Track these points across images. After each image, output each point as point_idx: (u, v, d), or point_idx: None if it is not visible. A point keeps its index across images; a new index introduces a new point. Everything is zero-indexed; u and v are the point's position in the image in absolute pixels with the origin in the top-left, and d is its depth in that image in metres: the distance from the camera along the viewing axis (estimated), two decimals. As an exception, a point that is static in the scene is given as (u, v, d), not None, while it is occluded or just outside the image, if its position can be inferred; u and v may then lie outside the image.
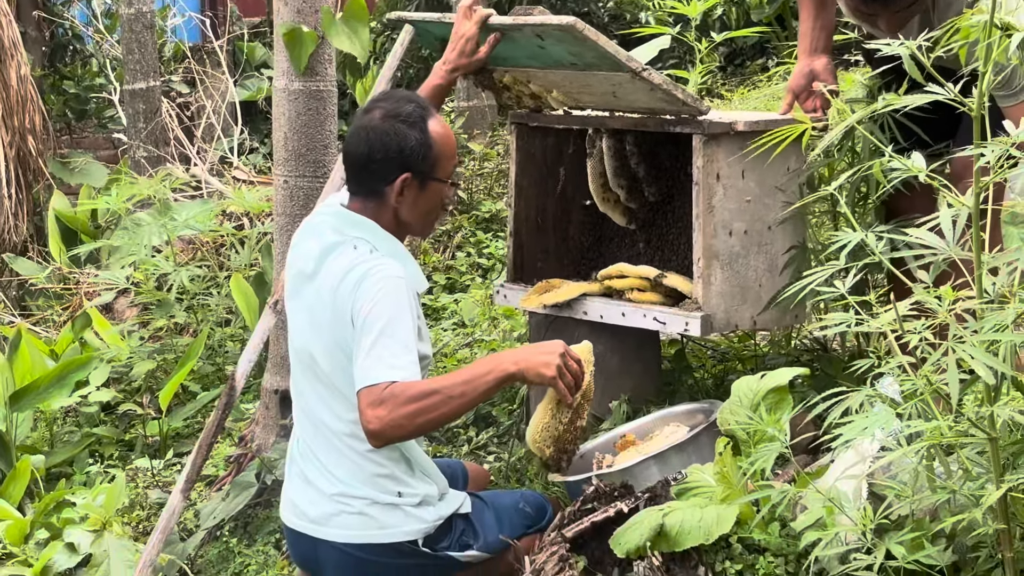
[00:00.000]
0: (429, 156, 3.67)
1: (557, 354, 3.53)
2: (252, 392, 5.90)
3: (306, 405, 3.75)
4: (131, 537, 4.88)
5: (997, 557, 2.73)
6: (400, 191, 3.67)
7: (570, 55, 4.05)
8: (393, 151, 3.65)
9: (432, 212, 3.77)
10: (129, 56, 9.40)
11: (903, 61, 2.70)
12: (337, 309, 3.57)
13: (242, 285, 6.38)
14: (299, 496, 3.76)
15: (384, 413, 3.38)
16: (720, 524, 3.04)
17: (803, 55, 4.29)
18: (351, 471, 3.65)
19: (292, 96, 4.96)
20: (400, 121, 3.68)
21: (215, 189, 8.62)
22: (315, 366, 3.67)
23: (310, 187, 4.98)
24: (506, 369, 3.50)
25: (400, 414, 3.39)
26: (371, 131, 3.69)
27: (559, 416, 3.65)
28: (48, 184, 9.73)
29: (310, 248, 3.73)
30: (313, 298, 3.68)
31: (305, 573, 3.93)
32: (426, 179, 3.69)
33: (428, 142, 3.67)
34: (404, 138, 3.66)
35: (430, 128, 3.69)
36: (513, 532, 3.76)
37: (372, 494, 3.63)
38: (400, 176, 3.65)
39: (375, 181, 3.69)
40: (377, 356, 3.44)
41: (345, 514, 3.65)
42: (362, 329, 3.48)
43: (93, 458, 6.01)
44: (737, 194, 4.07)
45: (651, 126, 4.22)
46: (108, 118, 11.50)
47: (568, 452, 3.74)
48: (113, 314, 7.37)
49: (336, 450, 3.67)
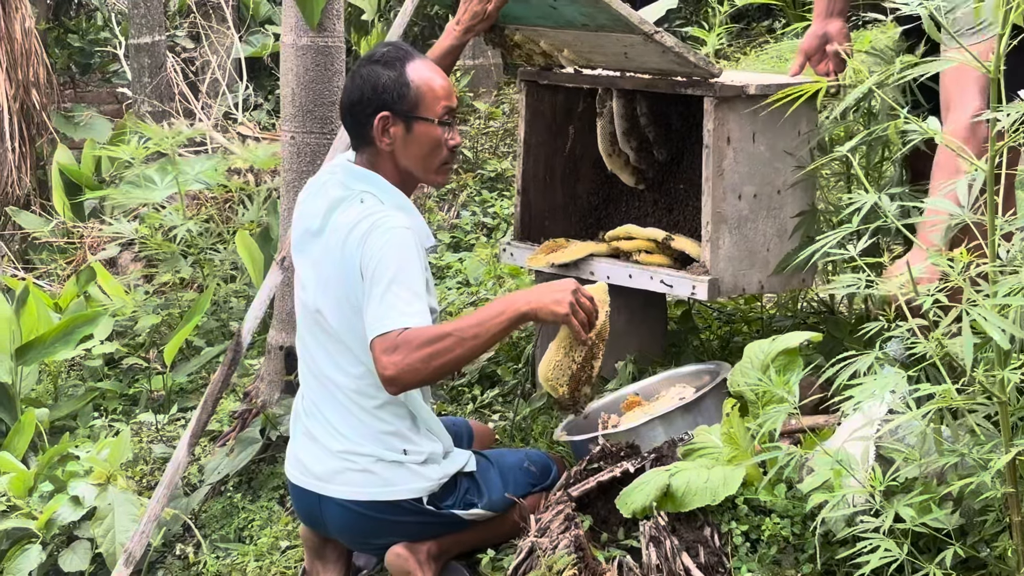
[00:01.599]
0: (407, 94, 3.68)
1: (569, 291, 3.52)
2: (257, 348, 5.90)
3: (312, 362, 3.76)
4: (135, 491, 4.88)
5: (1005, 521, 2.73)
6: (382, 131, 3.69)
7: (582, 16, 4.03)
8: (368, 91, 3.69)
9: (431, 156, 3.74)
10: (134, 10, 9.37)
11: (923, 21, 2.68)
12: (345, 263, 3.57)
13: (247, 241, 6.37)
14: (304, 453, 3.77)
15: (399, 358, 3.40)
16: (727, 485, 3.04)
17: (817, 18, 4.26)
18: (357, 428, 3.66)
19: (300, 52, 4.94)
20: (373, 62, 3.73)
21: (219, 144, 8.60)
22: (322, 322, 3.67)
23: (317, 143, 4.97)
24: (518, 309, 3.50)
25: (415, 358, 3.40)
26: (352, 78, 3.76)
27: (572, 354, 3.62)
28: (52, 138, 9.70)
29: (317, 206, 3.73)
30: (320, 254, 3.68)
31: (309, 529, 3.94)
32: (410, 119, 3.69)
33: (404, 80, 3.68)
34: (377, 76, 3.69)
35: (408, 67, 3.70)
36: (518, 491, 3.77)
37: (377, 451, 3.64)
38: (378, 115, 3.66)
39: (360, 126, 3.73)
40: (389, 304, 3.45)
41: (350, 471, 3.66)
42: (372, 280, 3.49)
43: (97, 412, 6.02)
44: (747, 158, 4.05)
45: (662, 87, 4.20)
46: (112, 72, 11.45)
47: (583, 391, 3.70)
48: (117, 268, 7.36)
49: (342, 407, 3.68)
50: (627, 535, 3.28)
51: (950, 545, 2.63)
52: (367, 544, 3.81)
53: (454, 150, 3.79)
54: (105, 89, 11.50)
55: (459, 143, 3.81)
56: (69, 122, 10.11)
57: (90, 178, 8.39)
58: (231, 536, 4.73)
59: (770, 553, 3.10)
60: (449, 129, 3.76)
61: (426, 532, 3.71)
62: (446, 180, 3.91)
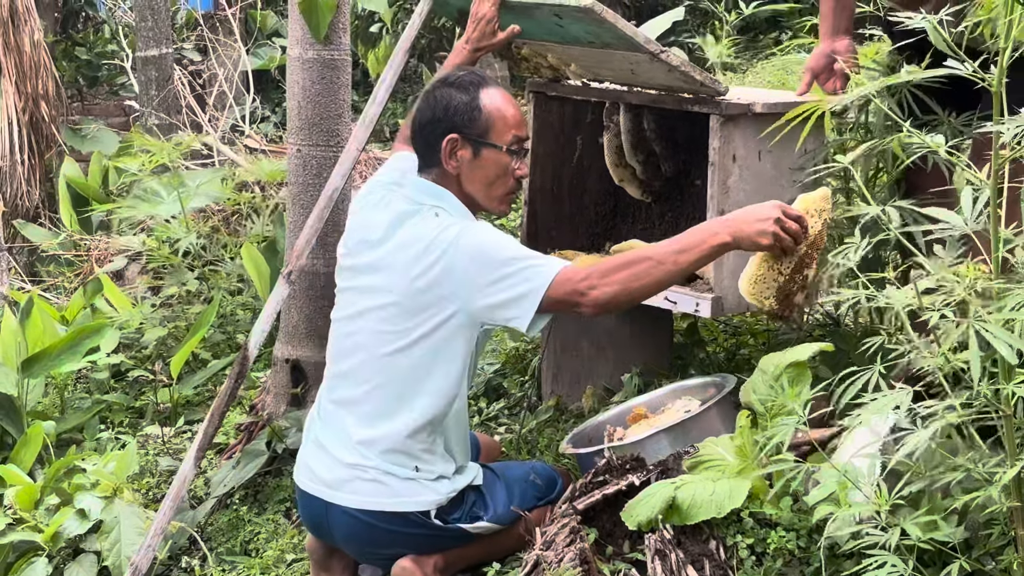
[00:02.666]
0: (477, 119, 3.70)
1: (772, 220, 3.41)
2: (263, 361, 5.90)
3: (352, 371, 3.76)
4: (141, 504, 4.88)
5: (1010, 534, 2.73)
6: (449, 154, 3.72)
7: (588, 34, 4.03)
8: (440, 111, 3.72)
9: (496, 184, 3.77)
10: (142, 23, 9.39)
11: (923, 35, 2.68)
12: (421, 271, 3.59)
13: (253, 253, 6.37)
14: (315, 460, 3.77)
15: (598, 281, 3.46)
16: (732, 498, 3.04)
17: (824, 37, 4.26)
18: (375, 444, 3.65)
19: (306, 65, 4.94)
20: (449, 85, 3.77)
21: (227, 158, 8.61)
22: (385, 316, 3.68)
23: (323, 156, 4.97)
24: (721, 239, 3.45)
25: (620, 278, 3.46)
26: (425, 98, 3.79)
27: (778, 267, 3.48)
28: (60, 151, 9.73)
29: (379, 218, 3.76)
30: (379, 264, 3.69)
31: (315, 540, 3.94)
32: (478, 144, 3.72)
33: (476, 104, 3.71)
34: (450, 99, 3.72)
35: (482, 92, 3.73)
36: (524, 504, 3.77)
37: (390, 467, 3.64)
38: (447, 136, 3.68)
39: (429, 147, 3.75)
40: (533, 265, 3.52)
41: (359, 480, 3.67)
42: (494, 268, 3.53)
43: (104, 425, 6.02)
44: (753, 175, 4.05)
45: (669, 103, 4.20)
46: (120, 85, 11.49)
47: (795, 301, 3.55)
48: (124, 281, 7.36)
49: (369, 419, 3.67)
50: (632, 548, 3.28)
51: (956, 559, 2.62)
52: (373, 554, 3.81)
53: (520, 180, 3.80)
54: (113, 102, 11.54)
55: (526, 174, 3.82)
56: (77, 135, 10.14)
57: (97, 191, 8.40)
58: (237, 549, 4.72)
59: (775, 566, 3.09)
60: (517, 159, 3.77)
61: (432, 545, 3.71)
62: (508, 210, 3.90)
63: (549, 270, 3.50)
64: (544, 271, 3.50)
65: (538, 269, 3.51)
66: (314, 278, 5.06)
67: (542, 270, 3.50)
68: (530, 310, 3.50)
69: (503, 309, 3.55)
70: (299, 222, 4.91)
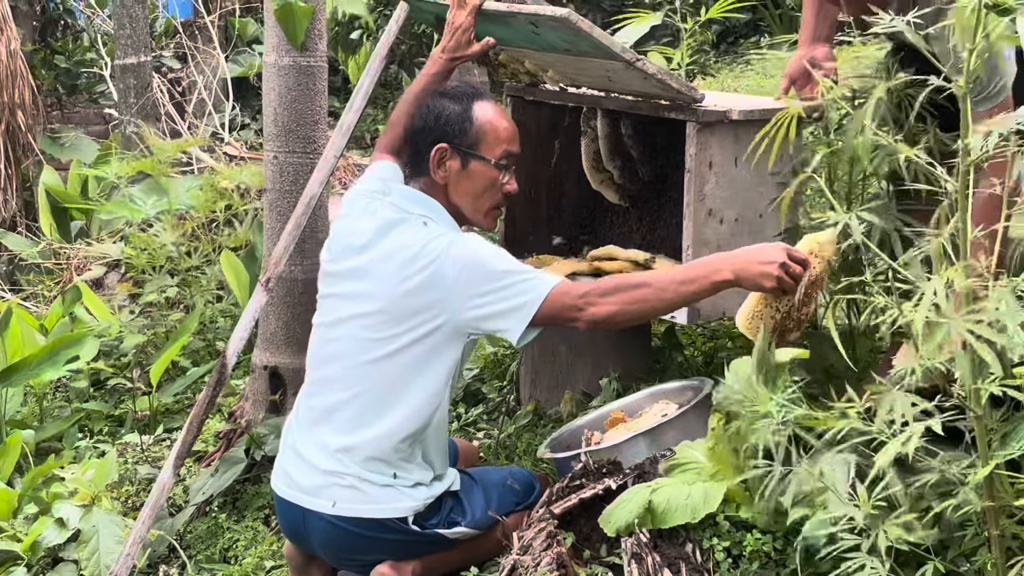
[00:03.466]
0: (468, 130, 3.71)
1: (777, 264, 3.35)
2: (242, 368, 5.89)
3: (333, 377, 3.75)
4: (120, 512, 4.86)
5: (983, 535, 2.73)
6: (438, 163, 3.72)
7: (564, 42, 4.03)
8: (431, 120, 3.74)
9: (483, 196, 3.77)
10: (120, 31, 9.38)
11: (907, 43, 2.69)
12: (408, 279, 3.58)
13: (232, 261, 6.37)
14: (292, 466, 3.77)
15: (599, 299, 3.48)
16: (707, 502, 3.04)
17: (803, 44, 4.27)
18: (353, 452, 3.65)
19: (282, 71, 4.94)
20: (444, 95, 3.79)
21: (206, 165, 8.60)
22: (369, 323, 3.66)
23: (300, 163, 4.97)
24: (724, 277, 3.41)
25: (619, 299, 3.47)
26: (419, 108, 3.81)
27: (776, 305, 3.45)
28: (38, 159, 9.71)
29: (364, 225, 3.75)
30: (364, 270, 3.68)
31: (293, 547, 3.94)
32: (467, 155, 3.72)
33: (468, 116, 3.72)
34: (443, 109, 3.74)
35: (475, 104, 3.74)
36: (502, 509, 3.77)
37: (367, 474, 3.63)
38: (436, 146, 3.70)
39: (418, 155, 3.76)
40: (528, 279, 3.52)
41: (337, 486, 3.66)
42: (486, 280, 3.52)
43: (83, 433, 6.00)
44: (729, 182, 4.06)
45: (646, 110, 4.20)
46: (99, 93, 11.48)
47: (790, 339, 3.51)
48: (103, 289, 7.35)
49: (348, 426, 3.67)
50: (609, 552, 3.28)
51: (930, 560, 2.63)
52: (350, 561, 3.80)
53: (508, 195, 3.80)
54: (92, 110, 11.52)
55: (515, 190, 3.82)
56: (55, 143, 10.12)
57: (76, 199, 8.39)
58: (216, 557, 4.71)
59: (752, 569, 3.09)
60: (506, 173, 3.78)
61: (410, 551, 3.70)
62: (494, 224, 3.91)
63: (545, 284, 3.50)
64: (540, 285, 3.50)
65: (533, 283, 3.51)
66: (292, 285, 5.05)
67: (538, 283, 3.50)
68: (523, 322, 3.50)
69: (494, 320, 3.55)
70: (277, 229, 4.91)
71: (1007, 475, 2.65)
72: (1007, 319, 2.41)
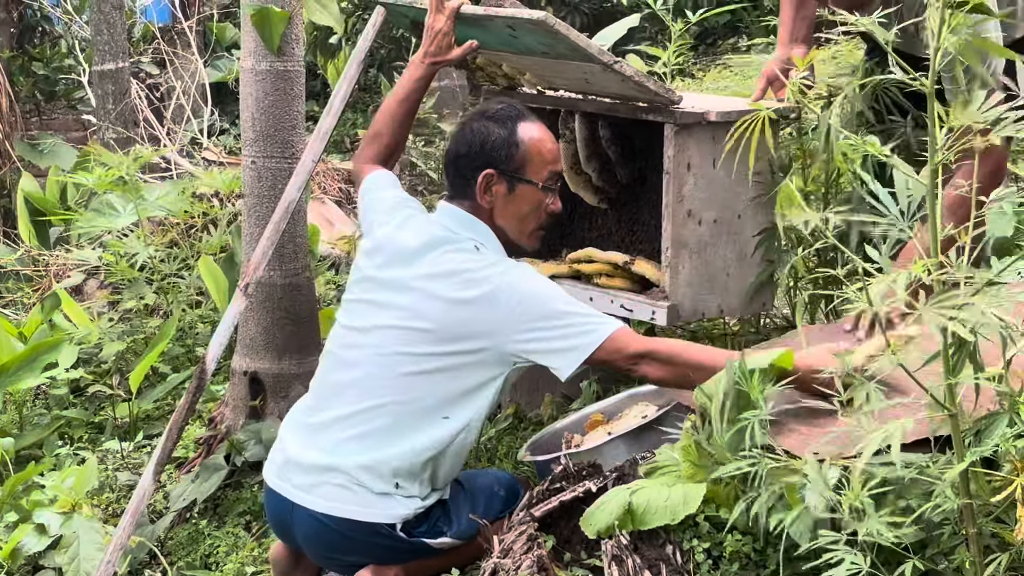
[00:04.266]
0: (515, 154, 3.72)
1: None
2: (222, 374, 5.88)
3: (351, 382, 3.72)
4: (101, 519, 4.86)
5: (961, 533, 2.74)
6: (484, 188, 3.72)
7: (542, 45, 4.04)
8: (476, 146, 3.73)
9: (528, 219, 3.78)
10: (98, 37, 9.36)
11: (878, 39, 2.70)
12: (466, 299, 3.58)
13: (211, 266, 6.35)
14: (287, 460, 3.75)
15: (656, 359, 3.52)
16: (687, 503, 3.04)
17: (781, 44, 4.29)
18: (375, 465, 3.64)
19: (259, 77, 4.94)
20: (487, 118, 3.78)
21: (185, 170, 8.58)
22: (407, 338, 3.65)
23: (278, 168, 4.96)
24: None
25: (674, 370, 3.51)
26: (461, 130, 3.81)
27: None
28: (16, 166, 9.68)
29: (409, 238, 3.75)
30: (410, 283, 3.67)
31: (277, 535, 3.93)
32: (513, 179, 3.72)
33: (514, 140, 3.72)
34: (488, 133, 3.73)
35: (519, 127, 3.75)
36: (487, 516, 3.76)
37: (366, 479, 3.62)
38: (483, 171, 3.69)
39: (463, 179, 3.76)
40: (592, 317, 3.55)
41: (329, 485, 3.65)
42: (541, 315, 3.54)
43: (63, 440, 5.98)
44: (708, 183, 4.06)
45: (624, 112, 4.21)
46: (78, 99, 11.46)
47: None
48: (83, 296, 7.34)
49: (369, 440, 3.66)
50: (590, 554, 3.28)
51: (909, 558, 2.63)
52: (331, 560, 3.79)
53: (553, 216, 3.81)
54: (71, 116, 11.51)
55: (559, 209, 3.83)
56: (34, 150, 10.10)
57: (55, 206, 8.37)
58: (197, 563, 4.70)
59: (732, 570, 3.09)
60: (551, 194, 3.79)
61: (393, 557, 3.70)
62: (537, 245, 3.92)
63: (604, 331, 3.51)
64: (599, 330, 3.52)
65: (592, 326, 3.52)
66: (271, 290, 5.05)
67: (597, 328, 3.52)
68: (575, 363, 3.53)
69: (545, 356, 3.56)
70: (255, 234, 4.90)
71: (983, 472, 2.66)
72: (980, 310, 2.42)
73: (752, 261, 4.17)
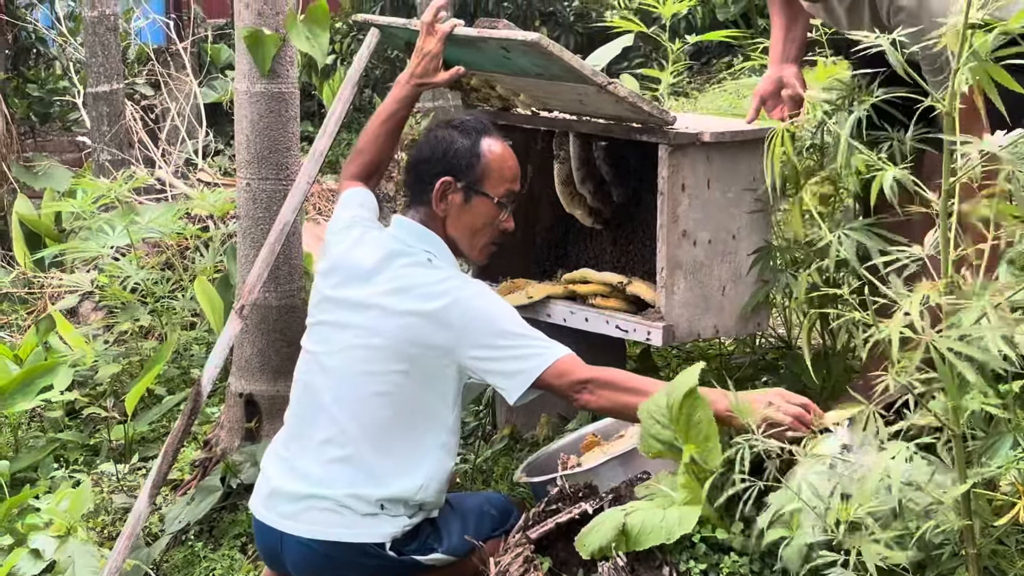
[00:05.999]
0: (475, 165, 3.73)
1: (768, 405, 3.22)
2: (217, 396, 5.87)
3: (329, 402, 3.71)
4: (96, 542, 4.84)
5: (962, 554, 2.73)
6: (441, 196, 3.73)
7: (535, 66, 4.04)
8: (439, 152, 3.76)
9: (480, 232, 3.79)
10: (92, 59, 9.36)
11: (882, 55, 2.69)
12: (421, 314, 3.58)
13: (206, 288, 6.34)
14: (271, 489, 3.75)
15: (596, 388, 3.50)
16: (682, 524, 3.03)
17: (773, 63, 4.29)
18: (342, 475, 3.63)
19: (254, 99, 4.94)
20: (453, 127, 3.81)
21: (180, 192, 8.58)
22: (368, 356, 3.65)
23: (273, 189, 4.96)
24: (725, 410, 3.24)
25: (615, 398, 3.49)
26: (425, 137, 3.84)
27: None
28: (12, 188, 9.68)
29: (364, 255, 3.76)
30: (368, 301, 3.67)
31: (268, 566, 3.92)
32: (471, 190, 3.73)
33: (476, 151, 3.74)
34: (452, 142, 3.76)
35: (483, 140, 3.77)
36: (478, 535, 3.75)
37: (351, 502, 3.62)
38: (441, 178, 3.70)
39: (420, 184, 3.78)
40: (540, 342, 3.54)
41: (315, 510, 3.65)
42: (491, 334, 3.55)
43: (58, 463, 5.97)
44: (702, 204, 4.06)
45: (618, 133, 4.21)
46: (72, 121, 11.46)
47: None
48: (78, 318, 7.32)
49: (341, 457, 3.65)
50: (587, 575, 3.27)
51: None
52: (322, 582, 3.78)
53: (504, 233, 3.81)
54: (66, 138, 11.51)
55: (512, 228, 3.84)
56: (29, 172, 10.10)
57: (50, 228, 8.36)
58: (193, 586, 4.70)
59: (729, 591, 3.09)
60: (505, 212, 3.80)
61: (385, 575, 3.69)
62: (485, 260, 3.95)
63: (550, 356, 3.51)
64: (546, 355, 3.52)
65: (539, 351, 3.53)
66: (267, 312, 5.04)
67: (544, 354, 3.52)
68: (521, 387, 3.52)
69: (493, 376, 3.57)
70: (250, 256, 4.90)
71: (984, 493, 2.66)
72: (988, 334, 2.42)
73: (747, 281, 4.17)
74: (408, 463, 3.63)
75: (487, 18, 4.29)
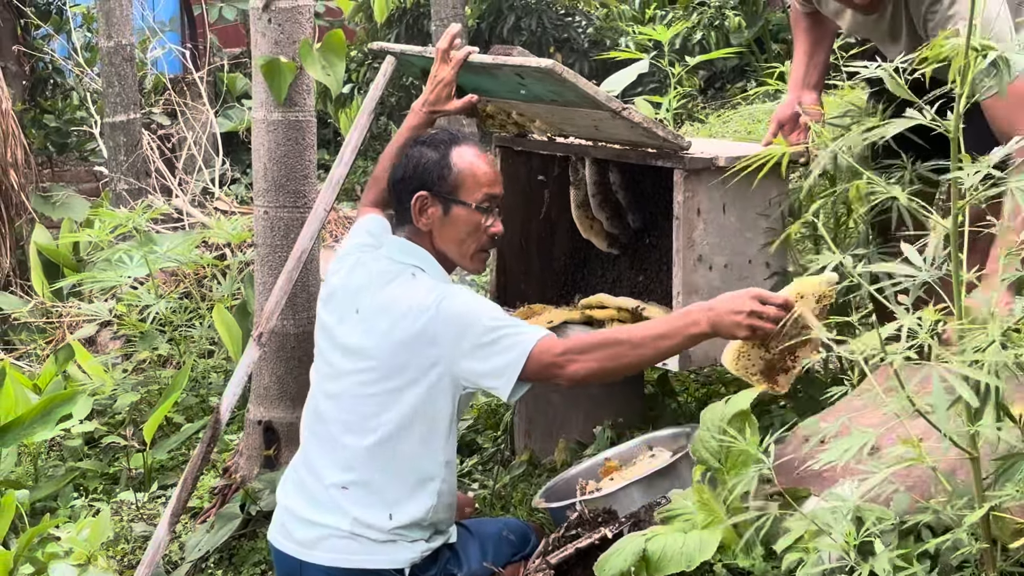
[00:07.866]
0: (447, 176, 3.74)
1: (746, 313, 3.36)
2: (236, 423, 5.88)
3: (330, 435, 3.74)
4: (116, 571, 4.85)
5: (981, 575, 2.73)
6: (419, 211, 3.75)
7: (550, 93, 4.06)
8: (411, 170, 3.77)
9: (467, 241, 3.78)
10: (109, 89, 9.41)
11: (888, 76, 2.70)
12: (405, 331, 3.59)
13: (224, 316, 6.36)
14: (289, 518, 3.76)
15: (576, 356, 3.48)
16: (703, 550, 3.03)
17: (794, 87, 4.30)
18: (354, 500, 3.64)
19: (271, 127, 4.96)
20: (422, 143, 3.83)
21: (197, 220, 8.61)
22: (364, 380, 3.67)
23: (290, 217, 4.98)
24: (700, 329, 3.42)
25: (595, 356, 3.47)
26: (402, 157, 3.86)
27: (766, 345, 3.42)
28: (30, 218, 9.72)
29: (355, 280, 3.78)
30: (359, 325, 3.69)
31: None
32: (448, 202, 3.74)
33: (446, 162, 3.75)
34: (421, 157, 3.77)
35: (453, 150, 3.77)
36: (498, 561, 3.76)
37: (365, 530, 3.62)
38: (416, 194, 3.72)
39: (401, 204, 3.80)
40: (512, 334, 3.52)
41: (333, 538, 3.65)
42: (475, 334, 3.53)
43: (77, 492, 5.98)
44: (718, 228, 4.07)
45: (633, 158, 4.22)
46: (90, 151, 11.51)
47: (782, 380, 3.50)
48: (96, 347, 7.35)
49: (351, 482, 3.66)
50: (607, 601, 3.27)
51: (927, 603, 2.63)
52: (344, 613, 3.78)
53: (494, 238, 3.82)
54: (83, 168, 11.55)
55: (500, 231, 3.83)
56: (47, 202, 10.14)
57: (68, 258, 8.39)
58: (213, 614, 4.70)
59: (749, 616, 3.09)
60: (489, 216, 3.79)
61: (405, 602, 3.69)
62: (482, 268, 3.93)
63: (528, 340, 3.50)
64: (523, 341, 3.50)
65: (517, 339, 3.51)
66: (284, 339, 5.06)
67: (521, 339, 3.51)
68: (511, 380, 3.51)
69: (485, 377, 3.56)
70: (268, 284, 4.92)
71: (1004, 516, 2.65)
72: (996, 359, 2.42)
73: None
74: (416, 483, 3.64)
75: (502, 45, 4.31)
